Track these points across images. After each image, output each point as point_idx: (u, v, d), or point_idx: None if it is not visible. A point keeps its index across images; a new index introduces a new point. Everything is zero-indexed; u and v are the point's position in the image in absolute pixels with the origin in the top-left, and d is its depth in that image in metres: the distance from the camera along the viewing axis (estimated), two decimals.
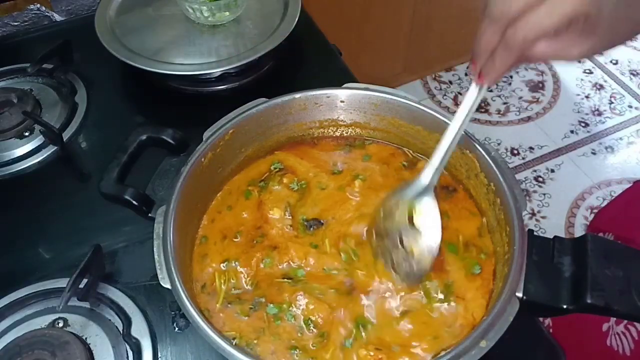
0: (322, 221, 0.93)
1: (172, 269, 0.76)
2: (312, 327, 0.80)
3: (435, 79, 3.18)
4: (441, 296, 0.82)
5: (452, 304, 0.81)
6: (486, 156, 0.88)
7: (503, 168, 0.87)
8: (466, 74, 3.20)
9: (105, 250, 0.97)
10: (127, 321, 0.91)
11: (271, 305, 0.82)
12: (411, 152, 1.02)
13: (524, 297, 0.74)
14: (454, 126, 0.80)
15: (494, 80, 0.70)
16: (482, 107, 3.01)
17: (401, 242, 0.82)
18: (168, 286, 0.75)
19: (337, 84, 1.00)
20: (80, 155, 1.20)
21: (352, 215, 0.92)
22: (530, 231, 0.80)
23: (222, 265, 0.88)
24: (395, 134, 1.02)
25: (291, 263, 0.87)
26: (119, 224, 1.05)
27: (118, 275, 0.98)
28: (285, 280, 0.85)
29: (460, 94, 3.09)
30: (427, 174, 0.83)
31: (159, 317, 0.92)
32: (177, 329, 0.91)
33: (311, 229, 0.92)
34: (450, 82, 3.17)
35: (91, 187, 1.09)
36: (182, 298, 0.74)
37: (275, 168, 1.00)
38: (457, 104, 3.03)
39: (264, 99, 0.96)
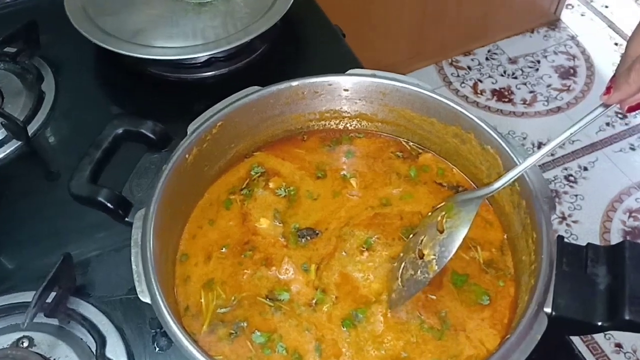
0: (317, 231, 0.95)
1: (153, 280, 0.76)
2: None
3: (451, 64, 3.18)
4: (432, 325, 0.83)
5: (450, 333, 0.83)
6: (510, 152, 0.89)
7: (531, 166, 0.86)
8: (487, 58, 3.20)
9: (76, 259, 0.97)
10: (101, 340, 0.90)
11: (258, 333, 0.83)
12: (409, 142, 1.04)
13: (553, 313, 0.74)
14: (555, 142, 0.79)
15: (621, 96, 0.71)
16: (506, 96, 3.01)
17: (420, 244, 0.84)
18: (147, 300, 0.75)
19: (340, 70, 1.00)
20: (47, 152, 1.20)
21: (348, 226, 0.94)
22: (560, 237, 0.80)
23: (207, 285, 0.89)
24: (406, 127, 1.03)
25: (279, 275, 0.89)
26: (92, 229, 1.05)
27: (91, 288, 0.98)
28: (268, 301, 0.86)
29: (481, 81, 3.09)
30: (496, 185, 0.83)
31: (137, 335, 0.92)
32: (157, 349, 0.91)
33: (304, 239, 0.93)
34: (469, 68, 3.16)
35: (60, 187, 1.08)
36: (164, 314, 0.74)
37: (256, 172, 1.02)
38: (477, 92, 3.02)
39: (256, 88, 0.96)
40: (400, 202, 0.98)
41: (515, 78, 3.11)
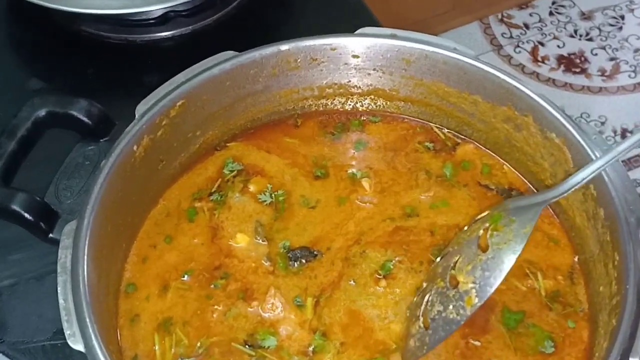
0: (315, 252, 0.95)
1: (87, 320, 0.76)
2: None
3: (502, 20, 3.19)
4: None
5: None
6: (582, 142, 0.89)
7: (613, 162, 0.86)
8: (551, 13, 3.20)
9: None
10: None
11: None
12: (443, 129, 1.05)
13: None
14: None
15: None
16: (577, 64, 3.02)
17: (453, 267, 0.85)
18: (80, 348, 0.75)
19: (348, 29, 1.01)
20: None
21: (358, 246, 0.95)
22: None
23: (163, 326, 0.89)
24: (439, 107, 1.03)
25: (262, 313, 0.89)
26: (2, 248, 1.06)
27: (2, 330, 0.99)
28: (247, 349, 0.87)
29: (542, 44, 3.10)
30: (564, 187, 0.83)
31: None
32: None
33: (297, 263, 0.94)
34: (526, 26, 3.17)
35: None
36: None
37: (230, 170, 1.02)
38: (536, 59, 3.03)
39: (231, 53, 0.97)
40: (431, 212, 0.98)
41: (591, 40, 3.12)
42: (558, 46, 3.07)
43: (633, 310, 0.77)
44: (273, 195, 1.00)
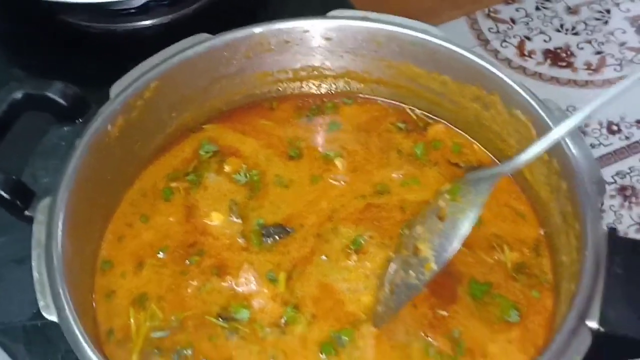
0: (288, 229, 0.97)
1: (61, 291, 0.78)
2: None
3: (489, 15, 3.20)
4: (442, 349, 0.86)
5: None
6: (546, 118, 0.91)
7: (572, 135, 0.89)
8: (537, 7, 3.22)
9: None
10: None
11: None
12: (415, 110, 1.07)
13: (601, 329, 0.76)
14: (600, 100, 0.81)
15: None
16: (563, 58, 3.03)
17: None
18: (54, 318, 0.77)
19: (320, 11, 1.02)
20: None
21: (330, 222, 0.97)
22: (612, 230, 0.83)
23: (138, 301, 0.91)
24: (410, 89, 1.05)
25: (236, 287, 0.91)
26: None
27: None
28: (221, 321, 0.89)
29: (529, 38, 3.11)
30: (521, 158, 0.84)
31: None
32: None
33: (270, 239, 0.96)
34: (513, 21, 3.18)
35: None
36: (77, 337, 0.76)
37: (206, 152, 1.04)
38: (523, 53, 3.04)
39: (205, 35, 0.99)
40: (402, 190, 1.00)
41: (577, 34, 3.12)
42: (544, 40, 3.07)
43: (591, 275, 0.79)
44: (248, 175, 1.01)
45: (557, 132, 0.81)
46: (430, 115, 1.07)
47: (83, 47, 1.31)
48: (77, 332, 0.76)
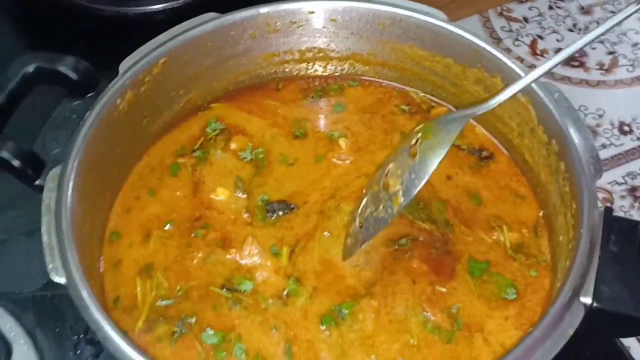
0: (292, 205, 0.99)
1: (69, 255, 0.80)
2: None
3: (501, 14, 3.19)
4: (440, 324, 0.88)
5: (463, 334, 0.87)
6: (546, 100, 0.93)
7: (571, 117, 0.91)
8: (550, 7, 3.21)
9: None
10: (5, 349, 0.95)
11: (210, 331, 0.87)
12: (419, 93, 1.09)
13: (594, 304, 0.78)
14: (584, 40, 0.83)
15: None
16: (576, 58, 3.02)
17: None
18: (62, 280, 0.79)
19: None
20: None
21: (333, 200, 0.99)
22: (608, 210, 0.84)
23: (144, 271, 0.93)
24: (414, 71, 1.08)
25: (239, 260, 0.94)
26: None
27: None
28: (224, 292, 0.91)
29: (541, 37, 3.11)
30: (492, 101, 0.86)
31: (54, 343, 0.97)
32: None
33: (274, 215, 0.98)
34: (526, 20, 3.18)
35: None
36: (85, 299, 0.78)
37: (213, 129, 1.06)
38: (535, 52, 3.03)
39: (213, 14, 1.01)
40: None
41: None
42: (557, 40, 3.06)
43: (585, 252, 0.80)
44: (253, 152, 1.04)
45: (525, 80, 0.85)
46: (434, 99, 1.09)
47: (94, 30, 1.33)
48: (84, 294, 0.78)
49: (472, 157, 1.04)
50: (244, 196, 0.99)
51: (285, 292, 0.91)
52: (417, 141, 0.87)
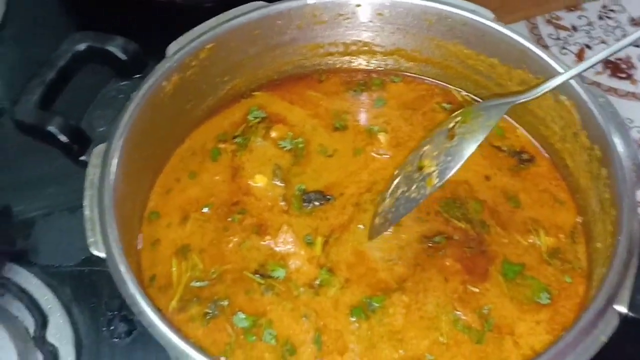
0: (328, 196, 1.00)
1: (109, 231, 0.82)
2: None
3: (550, 21, 3.14)
4: (470, 324, 0.88)
5: (494, 335, 0.87)
6: (591, 106, 0.92)
7: (616, 124, 0.90)
8: (600, 17, 3.17)
9: (18, 217, 1.05)
10: (41, 320, 0.97)
11: (241, 315, 0.89)
12: (461, 92, 1.09)
13: (630, 313, 0.77)
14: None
15: None
16: (623, 70, 2.97)
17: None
18: (101, 254, 0.81)
19: None
20: None
21: (369, 193, 0.99)
22: None
23: (181, 251, 0.95)
24: (458, 70, 1.07)
25: (274, 247, 0.95)
26: (40, 182, 1.12)
27: (34, 254, 1.05)
28: (257, 277, 0.92)
29: (589, 47, 3.06)
30: (534, 91, 0.87)
31: (89, 318, 0.99)
32: (114, 337, 0.97)
33: (310, 205, 0.99)
34: (574, 28, 3.11)
35: (3, 126, 1.17)
36: (123, 274, 0.79)
37: (255, 117, 1.07)
38: (582, 61, 2.99)
39: (261, 3, 1.02)
40: None
41: (639, 46, 3.07)
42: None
43: (623, 260, 0.80)
44: (293, 142, 1.05)
45: (565, 76, 0.87)
46: (476, 98, 1.09)
47: (144, 15, 1.35)
48: (122, 269, 0.79)
49: (512, 159, 1.04)
50: (282, 184, 1.00)
51: (317, 282, 0.92)
52: (455, 125, 0.87)
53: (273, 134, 1.05)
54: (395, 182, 0.92)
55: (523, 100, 0.87)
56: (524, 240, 0.96)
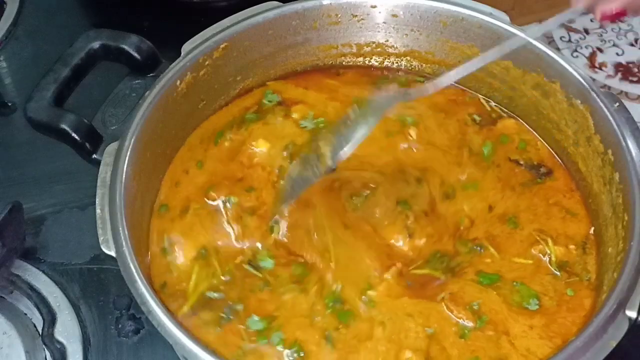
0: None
1: (120, 230, 0.82)
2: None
3: (562, 24, 3.16)
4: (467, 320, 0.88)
5: (489, 333, 0.87)
6: (606, 111, 0.92)
7: (630, 129, 0.90)
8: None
9: (28, 214, 1.04)
10: (50, 317, 0.97)
11: (255, 317, 0.88)
12: (490, 102, 1.08)
13: None
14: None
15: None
16: (634, 73, 2.97)
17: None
18: (112, 253, 0.81)
19: None
20: (1, 77, 1.29)
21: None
22: None
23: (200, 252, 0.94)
24: (472, 74, 1.06)
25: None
26: (50, 179, 1.12)
27: (43, 251, 1.05)
28: (249, 267, 0.92)
29: (601, 50, 3.07)
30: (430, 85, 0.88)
31: (97, 316, 0.99)
32: (122, 335, 0.98)
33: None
34: (586, 32, 3.14)
35: (15, 123, 1.18)
36: (132, 273, 0.80)
37: (270, 101, 1.07)
38: (594, 65, 3.00)
39: (276, 3, 1.02)
40: (463, 195, 1.00)
41: None
42: (617, 54, 3.02)
43: (634, 265, 0.80)
44: (314, 122, 1.03)
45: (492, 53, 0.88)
46: (505, 110, 1.08)
47: (159, 14, 1.36)
48: (132, 267, 0.80)
49: (529, 173, 1.02)
50: (289, 161, 1.00)
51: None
52: (353, 112, 0.88)
53: (294, 115, 1.04)
54: (293, 166, 0.94)
55: (415, 97, 0.89)
56: (524, 259, 0.94)
